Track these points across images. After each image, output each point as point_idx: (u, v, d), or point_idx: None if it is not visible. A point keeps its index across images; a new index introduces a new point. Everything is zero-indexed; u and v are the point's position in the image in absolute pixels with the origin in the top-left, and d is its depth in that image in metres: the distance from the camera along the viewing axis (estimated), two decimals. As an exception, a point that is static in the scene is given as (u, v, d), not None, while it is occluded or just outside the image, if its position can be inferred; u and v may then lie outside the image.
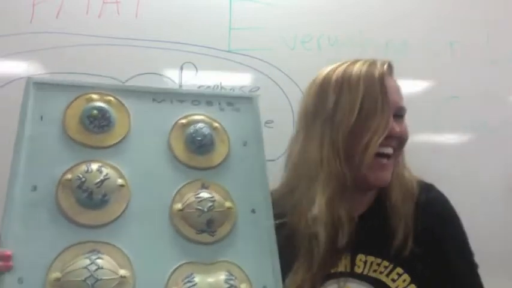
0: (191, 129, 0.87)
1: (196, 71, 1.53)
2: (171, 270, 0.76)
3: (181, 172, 0.85)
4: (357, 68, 0.89)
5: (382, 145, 0.84)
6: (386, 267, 0.85)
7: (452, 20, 1.69)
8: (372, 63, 0.89)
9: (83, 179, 0.76)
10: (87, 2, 1.50)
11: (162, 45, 1.52)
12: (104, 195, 0.76)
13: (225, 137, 0.90)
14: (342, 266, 0.87)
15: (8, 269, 0.69)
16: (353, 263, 0.88)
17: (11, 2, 1.45)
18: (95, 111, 0.82)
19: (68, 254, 0.72)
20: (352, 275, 0.87)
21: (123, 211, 0.78)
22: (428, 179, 1.57)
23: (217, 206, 0.81)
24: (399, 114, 0.89)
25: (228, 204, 0.83)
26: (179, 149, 0.86)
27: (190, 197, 0.81)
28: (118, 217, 0.77)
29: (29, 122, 0.79)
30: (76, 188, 0.76)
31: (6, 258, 0.69)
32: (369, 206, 0.91)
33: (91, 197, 0.75)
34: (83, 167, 0.77)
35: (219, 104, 0.92)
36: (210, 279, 0.76)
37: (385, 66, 0.89)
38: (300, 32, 1.64)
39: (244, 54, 1.58)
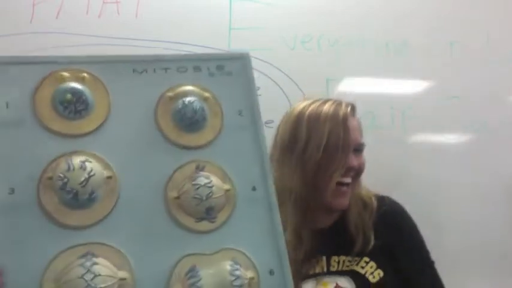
0: (180, 104, 0.77)
1: (196, 71, 1.53)
2: (172, 265, 0.70)
3: (173, 154, 0.76)
4: (326, 109, 1.07)
5: (342, 176, 1.05)
6: (355, 260, 1.05)
7: (452, 20, 1.69)
8: (338, 104, 1.08)
9: (65, 180, 0.67)
10: (87, 2, 1.50)
11: (162, 45, 1.52)
12: (91, 193, 0.69)
13: (218, 108, 0.80)
14: (319, 267, 1.06)
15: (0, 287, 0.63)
16: (328, 264, 1.07)
17: (11, 2, 1.45)
18: (69, 95, 0.72)
19: (59, 261, 0.66)
20: (328, 273, 1.06)
21: (114, 206, 0.70)
22: (429, 179, 1.57)
23: (215, 191, 0.74)
24: (358, 149, 1.09)
25: (226, 186, 0.75)
26: (168, 128, 0.76)
27: (186, 183, 0.74)
28: (109, 213, 0.70)
29: None
30: (59, 189, 0.67)
31: None
32: (335, 220, 1.12)
33: (77, 198, 0.68)
34: (63, 165, 0.68)
35: (208, 68, 0.81)
36: (215, 272, 0.71)
37: (349, 108, 1.08)
38: (300, 32, 1.64)
39: (244, 54, 1.58)
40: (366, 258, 1.05)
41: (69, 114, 0.72)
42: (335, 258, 1.07)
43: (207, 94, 0.79)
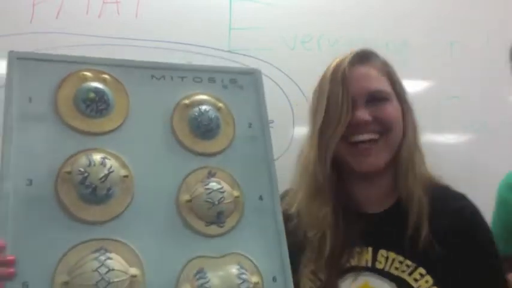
0: (196, 111, 0.81)
1: (196, 71, 1.53)
2: (182, 265, 0.72)
3: (186, 158, 0.79)
4: (329, 66, 0.94)
5: (353, 134, 0.87)
6: (408, 267, 0.84)
7: (452, 20, 1.69)
8: (342, 58, 0.93)
9: (86, 174, 0.69)
10: (87, 2, 1.50)
11: (162, 45, 1.52)
12: (109, 189, 0.71)
13: (230, 118, 0.84)
14: (363, 260, 0.87)
15: (10, 276, 0.63)
16: (374, 258, 0.87)
17: (11, 2, 1.45)
18: (92, 94, 0.74)
19: (73, 255, 0.67)
20: (373, 270, 0.86)
21: (128, 204, 0.73)
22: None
23: (226, 197, 0.77)
24: (373, 98, 0.89)
25: (235, 193, 0.79)
26: (183, 133, 0.80)
27: (198, 187, 0.77)
28: (123, 211, 0.72)
29: (16, 104, 0.71)
30: (78, 183, 0.69)
31: (8, 263, 0.64)
32: (391, 204, 0.91)
33: (95, 193, 0.70)
34: (84, 160, 0.71)
35: (222, 81, 0.86)
36: (222, 274, 0.73)
37: (350, 57, 0.91)
38: (300, 32, 1.64)
39: (244, 54, 1.58)
40: (422, 270, 0.83)
41: (90, 112, 0.74)
42: (383, 252, 0.86)
43: (220, 104, 0.83)
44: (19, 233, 0.66)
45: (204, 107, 0.81)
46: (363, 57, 0.93)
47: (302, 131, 1.63)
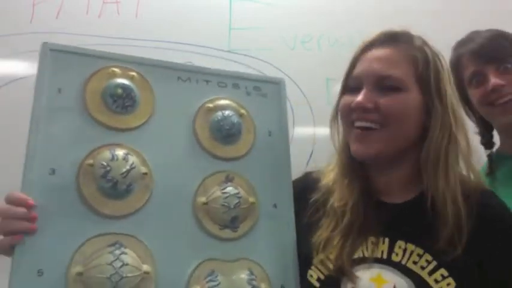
0: (218, 115, 0.82)
1: (196, 71, 1.53)
2: (193, 267, 0.73)
3: (206, 161, 0.80)
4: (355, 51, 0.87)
5: (356, 119, 0.81)
6: (428, 263, 0.75)
7: (452, 19, 1.69)
8: (366, 40, 0.85)
9: (108, 168, 0.70)
10: (87, 2, 1.50)
11: (162, 45, 1.52)
12: (129, 185, 0.72)
13: (252, 125, 0.85)
14: (379, 251, 0.79)
15: (32, 231, 0.65)
16: (391, 250, 0.78)
17: (11, 2, 1.45)
18: (120, 90, 0.75)
19: (89, 246, 0.68)
20: (388, 262, 0.77)
21: (146, 201, 0.73)
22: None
23: (242, 202, 0.78)
24: (383, 86, 0.79)
25: (251, 199, 0.80)
26: (204, 136, 0.81)
27: (215, 191, 0.78)
28: (140, 208, 0.73)
29: (46, 94, 0.72)
30: (100, 176, 0.70)
31: (32, 220, 0.65)
32: (415, 195, 0.82)
33: (115, 187, 0.71)
34: (107, 154, 0.72)
35: (246, 87, 0.86)
36: (233, 279, 0.74)
37: (374, 37, 0.84)
38: (300, 32, 1.64)
39: (244, 54, 1.58)
40: (444, 271, 0.74)
41: (116, 108, 0.76)
42: (401, 244, 0.78)
43: (243, 111, 0.84)
44: (38, 221, 0.67)
45: (227, 112, 0.82)
46: (390, 37, 0.84)
47: (302, 131, 1.63)
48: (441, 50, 0.88)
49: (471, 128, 1.25)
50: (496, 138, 1.21)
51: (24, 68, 1.39)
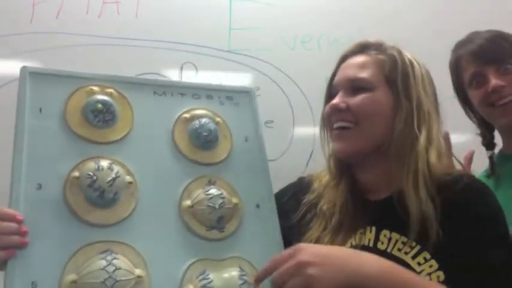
0: (196, 124, 0.86)
1: (196, 71, 1.53)
2: (185, 267, 0.76)
3: (187, 168, 0.84)
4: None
5: (334, 121, 0.90)
6: (412, 248, 0.80)
7: (453, 19, 1.69)
8: (343, 52, 0.96)
9: (94, 178, 0.73)
10: (87, 2, 1.50)
11: (162, 45, 1.52)
12: (115, 194, 0.74)
13: (228, 132, 0.90)
14: (366, 239, 0.84)
15: (24, 245, 0.67)
16: (377, 238, 0.83)
17: (11, 2, 1.45)
18: (100, 105, 0.79)
19: (80, 255, 0.70)
20: (374, 250, 0.81)
21: (133, 209, 0.76)
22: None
23: (226, 202, 0.81)
24: (353, 88, 0.88)
25: (234, 200, 0.83)
26: (184, 144, 0.85)
27: (199, 194, 0.81)
28: (128, 215, 0.76)
29: (28, 115, 0.76)
30: (86, 186, 0.73)
31: (23, 234, 0.67)
32: (391, 192, 0.86)
33: (102, 196, 0.73)
34: (92, 165, 0.75)
35: (219, 98, 0.92)
36: (225, 275, 0.76)
37: (347, 49, 0.94)
38: (300, 32, 1.64)
39: (244, 54, 1.58)
40: (427, 254, 0.78)
41: (98, 122, 0.80)
42: (386, 232, 0.83)
43: (218, 119, 0.89)
44: (29, 235, 0.68)
45: (203, 120, 0.87)
46: (363, 47, 0.94)
47: (302, 131, 1.63)
48: (441, 50, 0.89)
49: (472, 129, 1.25)
50: (498, 139, 1.21)
51: (24, 68, 1.39)
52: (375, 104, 0.87)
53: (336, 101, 0.88)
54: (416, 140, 0.85)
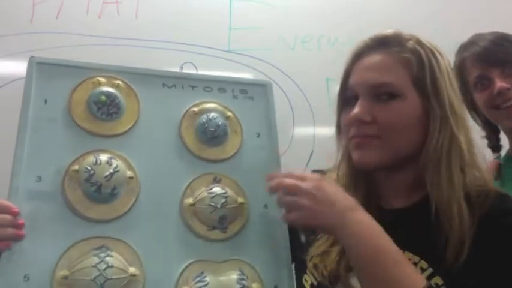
0: (203, 118, 0.82)
1: (196, 71, 1.53)
2: (182, 268, 0.73)
3: (192, 164, 0.80)
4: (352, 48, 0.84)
5: (354, 135, 0.78)
6: (423, 270, 0.71)
7: (453, 19, 1.69)
8: (360, 43, 0.82)
9: (92, 172, 0.71)
10: (87, 2, 1.50)
11: (162, 45, 1.52)
12: (113, 189, 0.72)
13: (238, 127, 0.85)
14: None
15: (20, 237, 0.67)
16: None
17: (11, 2, 1.45)
18: (103, 97, 0.77)
19: (75, 251, 0.69)
20: None
21: (132, 205, 0.74)
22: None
23: (230, 202, 0.78)
24: (378, 94, 0.76)
25: (240, 199, 0.79)
26: (190, 140, 0.82)
27: (202, 192, 0.78)
28: (127, 211, 0.74)
29: (32, 106, 0.74)
30: (84, 181, 0.71)
31: (19, 226, 0.67)
32: (414, 200, 0.78)
33: (99, 191, 0.72)
34: (91, 158, 0.73)
35: (232, 91, 0.87)
36: (222, 279, 0.73)
37: (364, 44, 0.80)
38: (300, 32, 1.64)
39: (244, 54, 1.58)
40: (439, 280, 0.69)
41: (101, 115, 0.77)
42: None
43: (229, 113, 0.85)
44: (25, 227, 0.68)
45: (211, 114, 0.83)
46: (380, 42, 0.80)
47: (302, 131, 1.63)
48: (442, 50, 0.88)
49: (478, 131, 1.25)
50: (504, 141, 1.20)
51: (24, 68, 1.39)
52: (407, 114, 0.76)
53: (358, 111, 0.75)
54: (454, 144, 0.75)
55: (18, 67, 1.39)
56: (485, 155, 0.84)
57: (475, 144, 0.79)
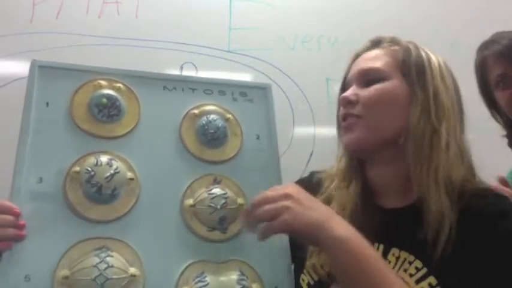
0: (203, 120, 0.84)
1: (196, 71, 1.53)
2: (182, 268, 0.74)
3: (192, 165, 0.82)
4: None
5: (343, 116, 0.84)
6: (417, 270, 0.73)
7: (453, 20, 1.69)
8: (356, 50, 0.90)
9: (92, 173, 0.73)
10: (87, 2, 1.50)
11: (162, 45, 1.52)
12: (114, 190, 0.74)
13: (238, 129, 0.87)
14: None
15: (21, 238, 0.67)
16: (384, 258, 0.76)
17: (11, 2, 1.45)
18: (104, 100, 0.79)
19: (75, 251, 0.70)
20: None
21: (133, 206, 0.75)
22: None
23: (230, 203, 0.79)
24: (366, 79, 0.82)
25: (240, 200, 0.80)
26: (190, 141, 0.83)
27: (202, 193, 0.79)
28: (127, 212, 0.75)
29: (34, 108, 0.76)
30: (85, 182, 0.73)
31: (20, 227, 0.68)
32: (410, 201, 0.79)
33: (100, 192, 0.73)
34: (92, 160, 0.74)
35: (232, 93, 0.89)
36: (222, 279, 0.74)
37: (360, 47, 0.88)
38: (300, 32, 1.64)
39: (244, 54, 1.58)
40: (433, 280, 0.71)
41: (102, 117, 0.79)
42: (395, 251, 0.75)
43: (229, 115, 0.86)
44: (26, 228, 0.69)
45: (212, 116, 0.84)
46: (375, 42, 0.88)
47: (302, 131, 1.63)
48: (441, 50, 0.88)
49: (499, 130, 1.24)
50: None
51: (24, 68, 1.39)
52: (388, 94, 0.81)
53: (346, 93, 0.82)
54: (435, 134, 0.77)
55: (18, 67, 1.39)
56: (470, 154, 0.84)
57: (466, 141, 0.83)
